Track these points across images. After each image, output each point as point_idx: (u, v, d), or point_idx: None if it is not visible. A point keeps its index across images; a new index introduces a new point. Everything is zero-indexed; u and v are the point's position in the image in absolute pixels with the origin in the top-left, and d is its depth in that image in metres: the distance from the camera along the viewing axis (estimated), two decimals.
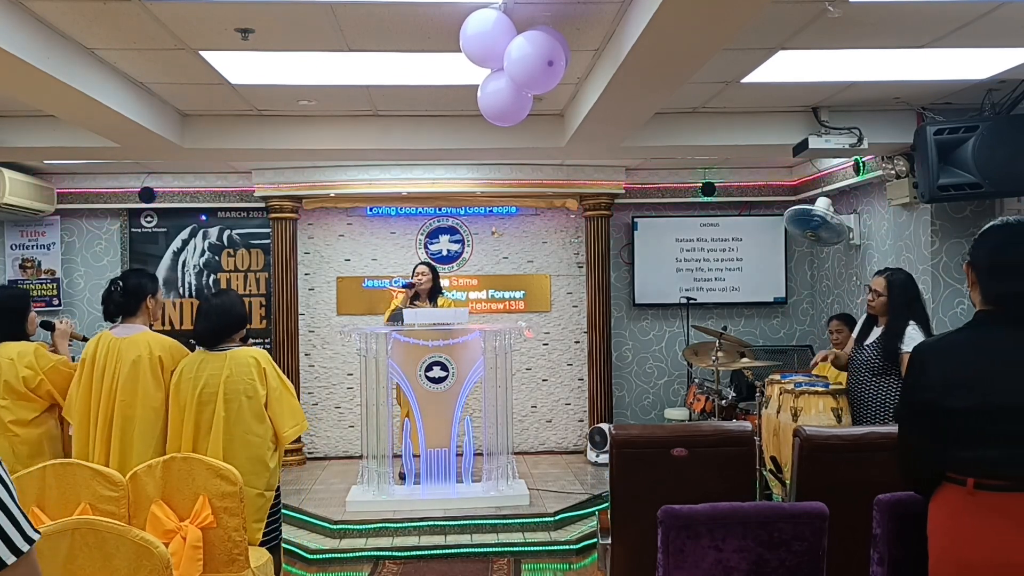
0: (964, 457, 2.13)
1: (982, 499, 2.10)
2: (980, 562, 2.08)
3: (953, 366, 2.19)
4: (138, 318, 3.93)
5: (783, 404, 4.66)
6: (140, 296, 3.92)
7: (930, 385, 2.20)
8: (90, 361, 3.85)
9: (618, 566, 3.42)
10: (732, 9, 2.92)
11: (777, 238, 7.78)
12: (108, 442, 3.78)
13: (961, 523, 2.12)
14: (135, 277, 3.98)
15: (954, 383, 2.16)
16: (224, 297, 3.95)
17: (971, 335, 2.24)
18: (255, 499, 3.59)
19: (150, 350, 3.80)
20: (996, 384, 2.12)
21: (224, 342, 3.79)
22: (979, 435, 2.12)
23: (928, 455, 2.22)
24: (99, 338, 3.90)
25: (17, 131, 5.34)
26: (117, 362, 3.79)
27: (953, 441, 2.15)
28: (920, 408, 2.23)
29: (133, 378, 3.77)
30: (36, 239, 7.52)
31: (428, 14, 3.47)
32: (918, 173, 5.04)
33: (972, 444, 2.12)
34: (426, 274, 6.42)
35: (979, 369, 2.16)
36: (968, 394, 2.13)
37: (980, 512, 2.10)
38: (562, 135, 5.50)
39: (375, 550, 5.33)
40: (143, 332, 3.88)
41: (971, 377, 2.15)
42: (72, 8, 3.38)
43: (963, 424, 2.14)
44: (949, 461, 2.17)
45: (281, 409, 3.70)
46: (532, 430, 7.84)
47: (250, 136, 5.44)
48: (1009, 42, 3.99)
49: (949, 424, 2.16)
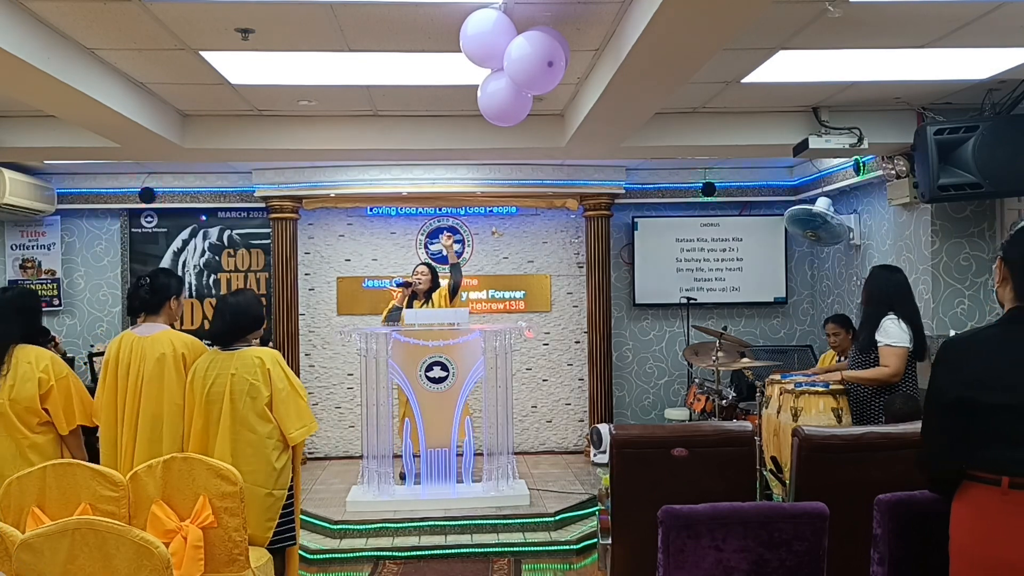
0: (997, 456, 2.09)
1: (1016, 498, 2.06)
2: (1012, 563, 2.05)
3: (984, 362, 2.15)
4: (160, 317, 3.94)
5: (783, 404, 4.66)
6: (165, 295, 3.94)
7: (960, 381, 2.16)
8: (113, 361, 3.85)
9: (618, 566, 3.42)
10: (732, 9, 2.92)
11: (777, 238, 7.78)
12: (135, 440, 3.78)
13: (994, 522, 2.09)
14: (163, 276, 3.99)
15: (985, 380, 2.12)
16: (241, 296, 3.93)
17: (1004, 331, 2.20)
18: (264, 499, 3.59)
19: (173, 348, 3.81)
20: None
21: (239, 341, 3.77)
22: (1013, 434, 2.08)
23: (952, 452, 2.19)
24: (121, 338, 3.90)
25: (17, 131, 5.34)
26: (141, 361, 3.80)
27: (983, 439, 2.12)
28: (948, 404, 2.19)
29: (158, 376, 3.78)
30: (36, 239, 7.52)
31: (428, 14, 3.47)
32: (918, 173, 5.04)
33: (1006, 443, 2.08)
34: (426, 274, 6.43)
35: (1012, 366, 2.12)
36: (1000, 391, 2.09)
37: (1016, 511, 2.06)
38: (562, 135, 5.50)
39: (375, 550, 5.33)
40: (165, 331, 3.89)
41: (1003, 374, 2.11)
42: (72, 8, 3.38)
43: (994, 422, 2.10)
44: (978, 460, 2.13)
45: (287, 410, 3.68)
46: (532, 430, 7.84)
47: (250, 136, 5.43)
48: (1009, 42, 3.99)
49: (978, 422, 2.12)
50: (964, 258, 5.52)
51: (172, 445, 3.74)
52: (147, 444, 3.76)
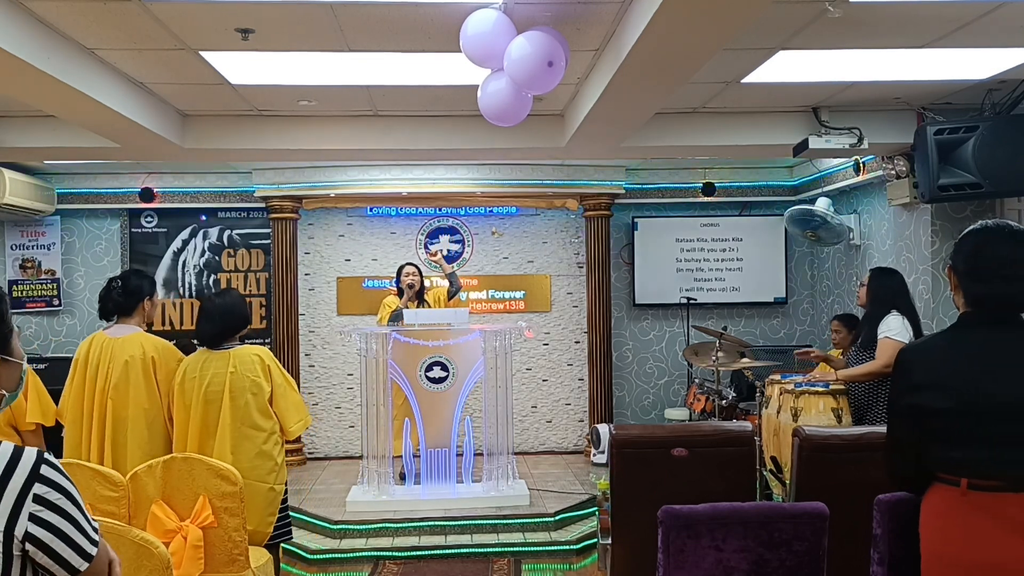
0: (955, 458, 2.14)
1: (975, 499, 2.10)
2: (972, 563, 2.08)
3: (935, 367, 2.21)
4: (133, 319, 3.94)
5: (783, 404, 4.66)
6: (138, 297, 3.94)
7: (914, 386, 2.22)
8: (83, 362, 3.85)
9: (618, 566, 3.42)
10: (732, 9, 2.92)
11: (777, 238, 7.78)
12: (102, 442, 3.78)
13: (953, 523, 2.13)
14: (135, 278, 3.99)
15: (936, 384, 2.17)
16: (226, 297, 3.96)
17: (953, 337, 2.27)
18: (266, 494, 3.64)
19: (143, 350, 3.81)
20: (979, 385, 2.13)
21: (227, 341, 3.81)
22: (967, 436, 2.12)
23: (912, 455, 2.24)
24: (92, 338, 3.90)
25: (17, 131, 5.34)
26: (110, 362, 3.80)
27: (942, 442, 2.16)
28: (904, 409, 2.25)
29: (125, 378, 3.78)
30: (36, 239, 7.52)
31: (428, 14, 3.47)
32: (918, 173, 5.04)
33: (961, 445, 2.13)
34: (415, 274, 6.41)
35: (960, 370, 2.17)
36: (950, 395, 2.14)
37: (973, 512, 2.10)
38: (562, 135, 5.50)
39: (375, 550, 5.34)
40: (137, 332, 3.89)
41: (952, 378, 2.16)
42: (72, 8, 3.38)
43: (949, 425, 2.15)
44: (939, 462, 2.17)
45: (286, 405, 3.76)
46: (532, 430, 7.84)
47: (250, 136, 5.43)
48: (1009, 42, 3.98)
49: (934, 425, 2.17)
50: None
51: (135, 449, 3.73)
52: (111, 446, 3.76)
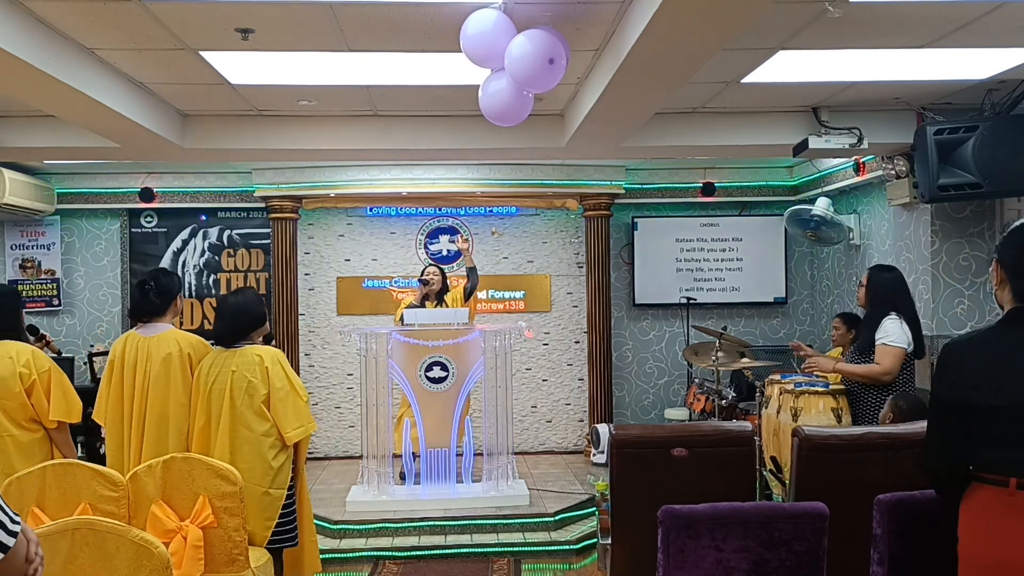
0: (1003, 457, 2.09)
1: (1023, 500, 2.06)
2: (1019, 563, 2.04)
3: (980, 365, 2.15)
4: (165, 317, 3.95)
5: (783, 404, 4.66)
6: (171, 295, 3.97)
7: (961, 383, 2.16)
8: (119, 362, 3.85)
9: (618, 566, 3.42)
10: (732, 9, 2.92)
11: (777, 238, 7.78)
12: (141, 439, 3.79)
13: (1001, 524, 2.08)
14: (164, 277, 3.99)
15: (980, 382, 2.12)
16: (241, 296, 3.95)
17: (1001, 333, 2.20)
18: (261, 497, 3.58)
19: (179, 347, 3.83)
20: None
21: (242, 340, 3.78)
22: (1015, 435, 2.07)
23: (950, 454, 2.19)
24: (126, 338, 3.91)
25: (17, 131, 5.34)
26: (148, 361, 3.81)
27: (989, 440, 2.11)
28: (949, 405, 2.19)
29: (164, 375, 3.79)
30: (36, 239, 7.52)
31: (428, 14, 3.47)
32: (918, 173, 5.04)
33: (1011, 444, 2.08)
34: (437, 275, 6.44)
35: (1005, 367, 2.12)
36: (994, 393, 2.09)
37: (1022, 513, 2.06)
38: (562, 135, 5.50)
39: (375, 550, 5.34)
40: (171, 330, 3.91)
41: (997, 375, 2.11)
42: (72, 8, 3.38)
43: (997, 423, 2.09)
44: (986, 461, 2.12)
45: (284, 409, 3.66)
46: (532, 430, 7.84)
47: (250, 136, 5.43)
48: (1009, 42, 3.98)
49: (982, 423, 2.12)
50: (964, 258, 5.52)
51: (178, 444, 3.75)
52: (153, 444, 3.76)
